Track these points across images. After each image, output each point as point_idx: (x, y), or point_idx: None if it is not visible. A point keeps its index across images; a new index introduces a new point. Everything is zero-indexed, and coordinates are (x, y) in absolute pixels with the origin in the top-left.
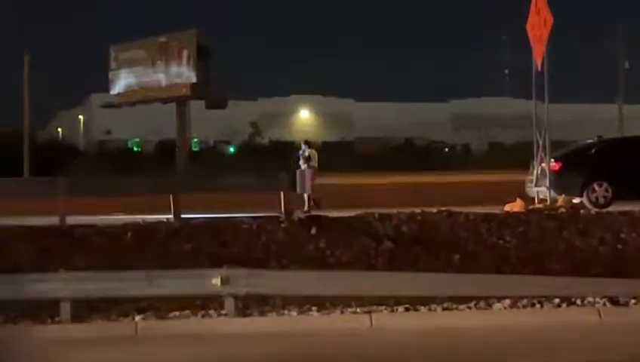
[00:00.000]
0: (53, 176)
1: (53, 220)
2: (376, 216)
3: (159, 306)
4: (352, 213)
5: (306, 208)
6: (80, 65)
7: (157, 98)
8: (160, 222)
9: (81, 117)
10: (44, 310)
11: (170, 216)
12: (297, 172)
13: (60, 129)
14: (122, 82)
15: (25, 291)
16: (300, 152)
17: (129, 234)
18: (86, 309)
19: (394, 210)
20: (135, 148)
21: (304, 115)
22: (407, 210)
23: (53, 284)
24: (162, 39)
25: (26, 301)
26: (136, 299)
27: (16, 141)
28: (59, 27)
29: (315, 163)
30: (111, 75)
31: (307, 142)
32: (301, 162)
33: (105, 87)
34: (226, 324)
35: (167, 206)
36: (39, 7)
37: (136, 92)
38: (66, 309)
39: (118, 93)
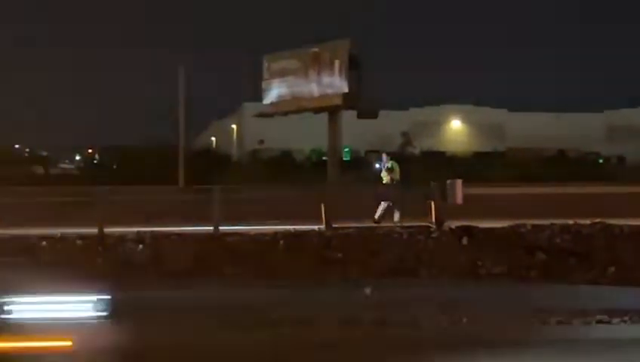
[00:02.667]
0: (207, 185)
1: (209, 228)
2: (529, 227)
3: None
4: (503, 223)
5: (376, 217)
6: (234, 74)
7: (309, 108)
8: (311, 231)
9: (234, 126)
10: None
11: (322, 226)
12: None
13: (213, 138)
14: (275, 92)
15: None
16: (382, 164)
17: (281, 242)
18: None
19: (547, 222)
20: (293, 158)
21: (456, 125)
22: (560, 222)
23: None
24: (314, 49)
25: None
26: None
27: (171, 150)
28: (213, 35)
29: (397, 175)
30: (264, 84)
31: (388, 154)
32: (383, 174)
33: (258, 96)
34: None
35: (319, 215)
36: (193, 15)
37: (288, 101)
38: None
39: (271, 103)
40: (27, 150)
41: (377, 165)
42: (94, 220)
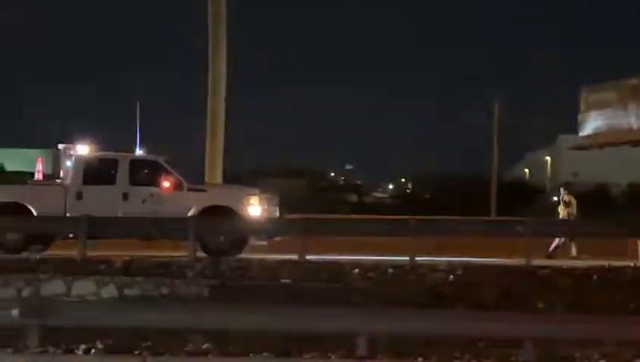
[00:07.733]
0: (519, 217)
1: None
2: None
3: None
4: None
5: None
6: (549, 106)
7: (627, 141)
8: (627, 267)
9: (548, 158)
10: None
11: (639, 262)
12: None
13: (526, 169)
14: (591, 124)
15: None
16: (560, 197)
17: (594, 277)
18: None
19: None
20: (608, 192)
21: None
22: None
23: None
24: (634, 81)
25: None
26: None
27: (484, 181)
28: (527, 68)
29: (573, 210)
30: (580, 116)
31: (566, 185)
32: (560, 208)
33: (572, 128)
34: None
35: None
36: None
37: (605, 134)
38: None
39: (587, 135)
40: (342, 178)
41: (555, 198)
42: (407, 249)
